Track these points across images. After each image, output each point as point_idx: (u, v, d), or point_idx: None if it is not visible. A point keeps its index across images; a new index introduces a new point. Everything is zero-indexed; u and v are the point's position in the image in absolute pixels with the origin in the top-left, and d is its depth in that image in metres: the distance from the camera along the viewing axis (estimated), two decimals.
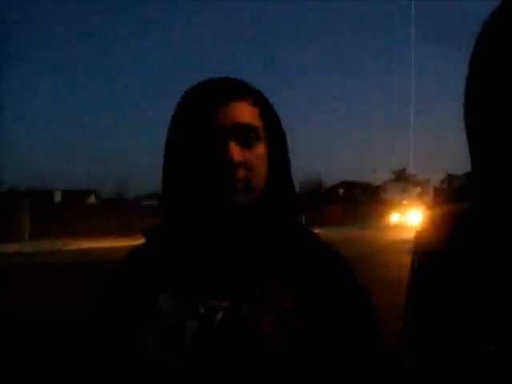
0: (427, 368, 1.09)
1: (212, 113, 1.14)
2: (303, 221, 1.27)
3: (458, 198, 1.10)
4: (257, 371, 1.06)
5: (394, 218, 40.79)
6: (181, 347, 1.08)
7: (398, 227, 34.65)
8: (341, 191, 67.33)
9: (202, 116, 1.15)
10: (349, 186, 69.10)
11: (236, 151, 1.12)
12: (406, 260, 1.10)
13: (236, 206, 1.13)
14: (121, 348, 1.13)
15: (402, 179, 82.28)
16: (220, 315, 1.09)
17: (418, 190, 77.26)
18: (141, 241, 1.26)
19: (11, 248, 21.48)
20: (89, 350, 1.22)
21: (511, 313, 0.96)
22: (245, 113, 1.16)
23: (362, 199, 58.99)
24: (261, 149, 1.17)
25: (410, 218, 38.87)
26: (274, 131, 1.21)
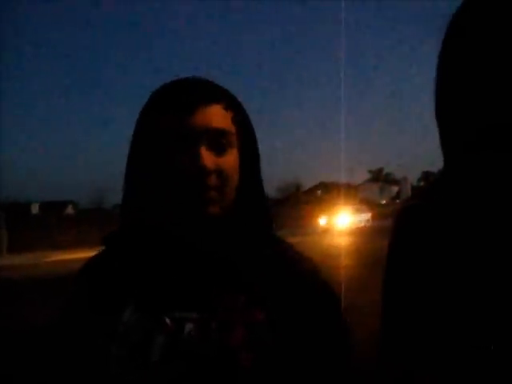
0: (402, 328, 1.13)
1: (182, 115, 1.07)
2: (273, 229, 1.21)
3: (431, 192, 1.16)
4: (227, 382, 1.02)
5: (322, 221, 36.48)
6: (147, 363, 1.02)
7: (326, 232, 32.25)
8: (318, 192, 67.52)
9: (172, 118, 1.08)
10: (326, 187, 69.32)
11: (208, 158, 1.06)
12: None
13: (207, 219, 1.07)
14: (83, 370, 1.07)
15: (380, 178, 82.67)
16: (188, 327, 1.04)
17: (395, 189, 77.62)
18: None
19: None
20: (52, 371, 1.16)
21: (483, 267, 1.00)
22: (217, 117, 1.09)
23: (341, 200, 59.09)
24: (233, 156, 1.11)
25: (338, 222, 35.40)
26: (246, 137, 1.16)
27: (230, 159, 1.10)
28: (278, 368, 1.04)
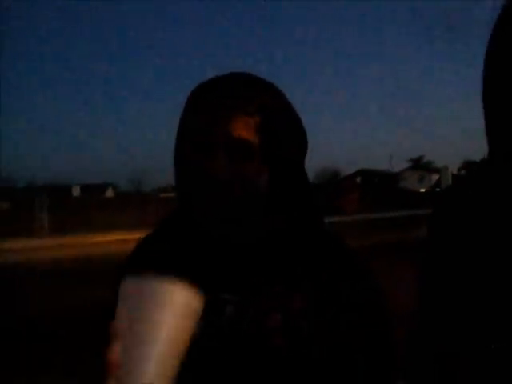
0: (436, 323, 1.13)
1: (204, 121, 1.09)
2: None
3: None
4: (261, 368, 1.05)
5: None
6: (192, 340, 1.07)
7: None
8: (358, 180, 67.12)
9: (194, 122, 1.11)
10: (366, 174, 68.88)
11: (224, 166, 1.07)
12: None
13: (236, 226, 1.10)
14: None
15: (420, 167, 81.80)
16: (229, 309, 1.09)
17: (436, 177, 76.76)
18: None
19: (32, 243, 21.66)
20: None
21: None
22: (238, 125, 1.08)
23: (381, 188, 58.70)
24: (255, 165, 1.10)
25: None
26: (274, 145, 1.11)
27: (250, 170, 1.09)
28: (311, 357, 1.06)
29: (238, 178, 1.08)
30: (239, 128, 1.08)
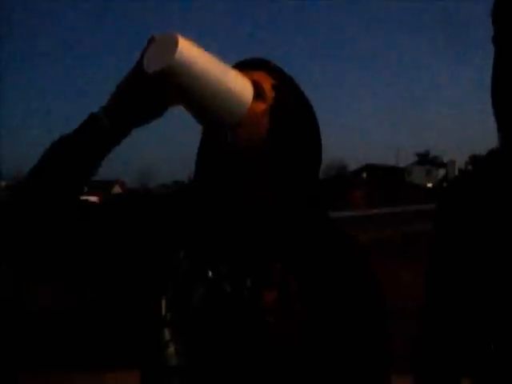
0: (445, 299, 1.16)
1: None
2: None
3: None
4: (255, 344, 1.08)
5: None
6: (187, 308, 1.11)
7: None
8: (364, 175, 66.91)
9: None
10: (372, 169, 68.64)
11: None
12: None
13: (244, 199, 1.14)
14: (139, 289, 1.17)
15: (427, 162, 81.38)
16: (226, 283, 1.11)
17: (442, 172, 76.38)
18: None
19: None
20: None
21: None
22: (256, 74, 1.15)
23: (387, 183, 58.47)
24: (260, 106, 1.13)
25: None
26: (285, 110, 1.15)
27: (257, 110, 1.13)
28: (304, 338, 1.08)
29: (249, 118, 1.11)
30: (256, 75, 1.15)
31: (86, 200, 1.16)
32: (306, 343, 1.08)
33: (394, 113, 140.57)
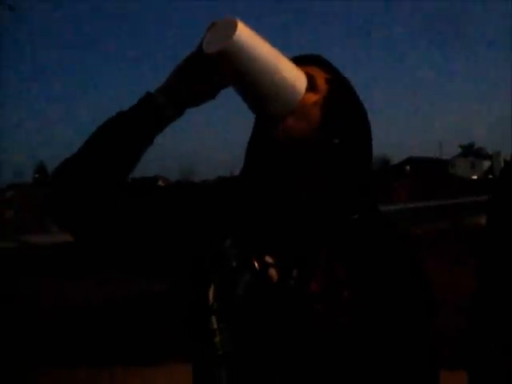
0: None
1: None
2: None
3: None
4: (303, 332, 1.08)
5: None
6: (233, 295, 1.13)
7: None
8: (407, 168, 66.12)
9: None
10: (415, 162, 67.76)
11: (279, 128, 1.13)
12: None
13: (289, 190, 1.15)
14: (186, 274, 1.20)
15: (471, 153, 80.00)
16: (272, 272, 1.12)
17: (487, 163, 75.00)
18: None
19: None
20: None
21: None
22: (309, 67, 1.17)
23: (431, 176, 57.68)
24: (312, 97, 1.15)
25: None
26: (339, 105, 1.16)
27: (308, 102, 1.14)
28: (351, 327, 1.07)
29: (292, 139, 1.12)
30: (309, 69, 1.17)
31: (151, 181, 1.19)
32: (354, 331, 1.07)
33: (438, 104, 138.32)
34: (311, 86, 1.14)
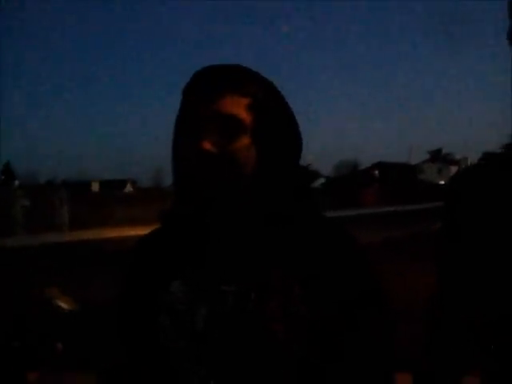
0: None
1: (196, 102, 1.14)
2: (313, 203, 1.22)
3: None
4: (266, 354, 1.08)
5: None
6: (191, 332, 1.11)
7: None
8: (376, 172, 66.78)
9: (188, 103, 1.16)
10: (384, 167, 68.46)
11: (210, 142, 1.11)
12: None
13: (224, 202, 1.13)
14: (136, 335, 1.18)
15: (439, 159, 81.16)
16: (229, 299, 1.11)
17: (455, 169, 76.15)
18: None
19: (52, 238, 21.85)
20: (109, 339, 1.28)
21: None
22: (227, 103, 1.12)
23: (399, 180, 58.32)
24: (244, 142, 1.13)
25: None
26: (265, 125, 1.15)
27: (239, 145, 1.12)
28: (311, 342, 1.08)
29: (226, 153, 1.11)
30: (228, 104, 1.12)
31: None
32: (315, 345, 1.08)
33: (406, 110, 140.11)
34: (238, 129, 1.12)
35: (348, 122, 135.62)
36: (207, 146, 1.10)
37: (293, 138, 1.20)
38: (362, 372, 1.11)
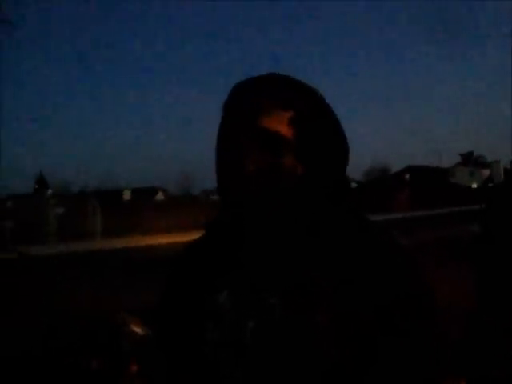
0: None
1: (238, 119, 1.12)
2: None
3: None
4: (315, 368, 1.04)
5: None
6: (240, 346, 1.08)
7: None
8: (407, 176, 66.19)
9: (230, 121, 1.14)
10: (415, 170, 67.82)
11: (252, 162, 1.10)
12: None
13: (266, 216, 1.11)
14: (180, 343, 1.16)
15: (470, 162, 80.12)
16: (277, 312, 1.07)
17: (487, 172, 75.12)
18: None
19: (85, 246, 22.10)
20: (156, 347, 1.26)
21: None
22: (270, 119, 1.10)
23: (430, 184, 57.71)
24: (289, 158, 1.11)
25: None
26: (310, 138, 1.12)
27: (284, 163, 1.10)
28: (360, 357, 1.04)
29: (269, 172, 1.09)
30: (270, 121, 1.10)
31: None
32: (354, 351, 1.04)
33: (437, 113, 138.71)
34: (281, 148, 1.10)
35: (378, 126, 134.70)
36: (250, 167, 1.09)
37: (339, 149, 1.17)
38: (400, 378, 1.07)
